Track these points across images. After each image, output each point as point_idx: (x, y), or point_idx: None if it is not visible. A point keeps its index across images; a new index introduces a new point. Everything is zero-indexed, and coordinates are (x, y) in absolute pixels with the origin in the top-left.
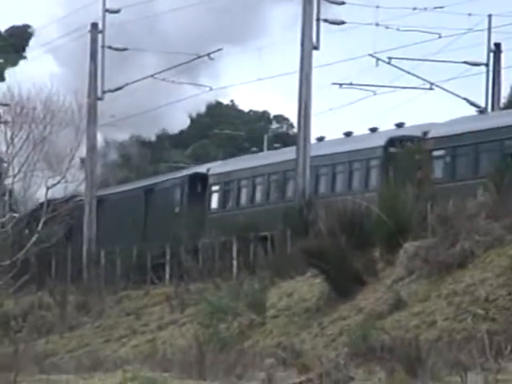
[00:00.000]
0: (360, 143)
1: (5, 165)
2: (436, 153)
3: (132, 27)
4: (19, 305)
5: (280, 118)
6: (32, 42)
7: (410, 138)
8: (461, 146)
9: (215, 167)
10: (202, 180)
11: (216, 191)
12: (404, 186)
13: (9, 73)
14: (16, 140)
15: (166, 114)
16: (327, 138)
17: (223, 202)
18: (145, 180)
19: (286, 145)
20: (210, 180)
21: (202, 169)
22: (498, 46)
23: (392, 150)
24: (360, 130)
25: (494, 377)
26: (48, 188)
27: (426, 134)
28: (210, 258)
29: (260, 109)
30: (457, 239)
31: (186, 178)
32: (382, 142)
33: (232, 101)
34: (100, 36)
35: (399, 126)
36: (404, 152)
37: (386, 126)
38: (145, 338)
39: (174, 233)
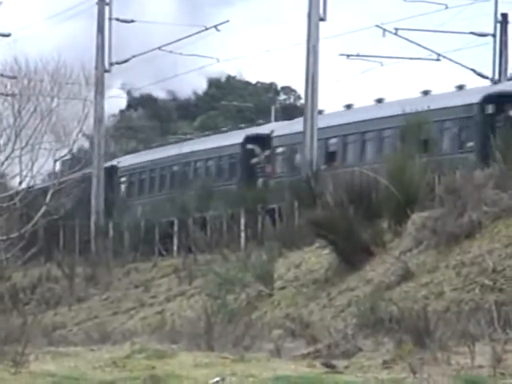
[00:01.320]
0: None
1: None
2: None
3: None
4: (27, 277)
5: (287, 90)
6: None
7: None
8: None
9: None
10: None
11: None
12: (412, 156)
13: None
14: (23, 112)
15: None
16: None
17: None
18: None
19: (292, 116)
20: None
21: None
22: (504, 16)
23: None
24: (366, 101)
25: (502, 347)
26: (55, 160)
27: None
28: (217, 229)
29: (267, 80)
30: (464, 210)
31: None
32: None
33: (239, 72)
34: (107, 8)
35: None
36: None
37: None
38: (153, 310)
39: (181, 205)
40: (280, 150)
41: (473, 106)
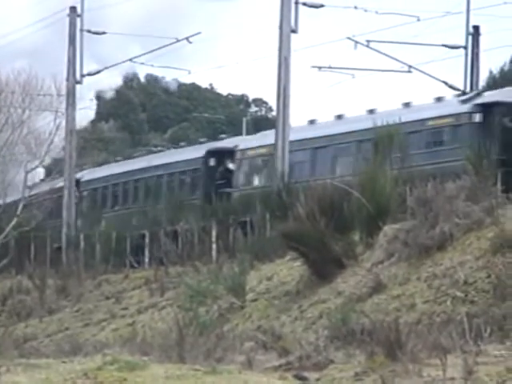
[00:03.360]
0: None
1: None
2: None
3: (110, 11)
4: None
5: (259, 102)
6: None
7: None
8: None
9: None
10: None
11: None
12: (383, 168)
13: None
14: None
15: None
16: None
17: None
18: None
19: (263, 129)
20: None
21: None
22: (476, 28)
23: None
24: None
25: (474, 359)
26: (27, 172)
27: None
28: (189, 241)
29: (239, 92)
30: (436, 222)
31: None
32: None
33: (211, 84)
34: (78, 20)
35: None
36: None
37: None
38: (124, 322)
39: (153, 217)
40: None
41: (198, 160)
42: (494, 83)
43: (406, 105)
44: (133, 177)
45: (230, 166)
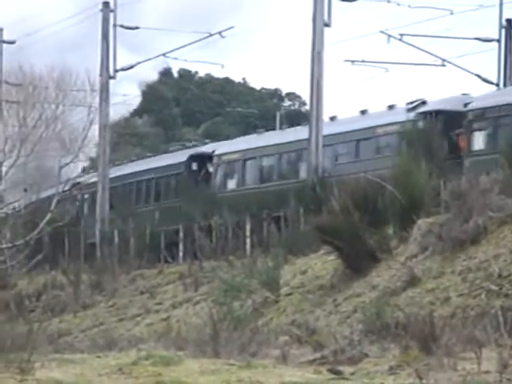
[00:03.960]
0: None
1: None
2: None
3: (144, 6)
4: (33, 284)
5: (292, 96)
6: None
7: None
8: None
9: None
10: None
11: None
12: (418, 162)
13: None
14: (28, 120)
15: None
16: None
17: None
18: None
19: (298, 123)
20: None
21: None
22: (509, 21)
23: None
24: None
25: (509, 352)
26: (61, 167)
27: None
28: (223, 236)
29: (272, 86)
30: (470, 215)
31: None
32: None
33: (244, 78)
34: (112, 15)
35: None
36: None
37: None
38: (159, 317)
39: (187, 211)
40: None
41: (181, 164)
42: None
43: (363, 112)
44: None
45: (211, 169)
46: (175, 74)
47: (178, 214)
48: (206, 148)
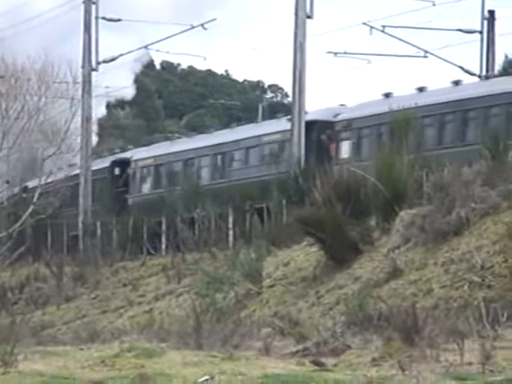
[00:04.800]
0: None
1: None
2: None
3: None
4: (15, 276)
5: (275, 88)
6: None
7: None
8: None
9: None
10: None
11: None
12: (400, 153)
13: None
14: (11, 112)
15: None
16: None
17: None
18: None
19: (279, 114)
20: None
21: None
22: (491, 13)
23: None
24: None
25: (491, 344)
26: (43, 159)
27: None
28: (205, 228)
29: (254, 78)
30: (453, 207)
31: None
32: None
33: (226, 70)
34: (94, 7)
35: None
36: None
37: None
38: (142, 309)
39: (169, 204)
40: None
41: (105, 169)
42: (511, 67)
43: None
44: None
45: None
46: (158, 66)
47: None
48: (128, 154)
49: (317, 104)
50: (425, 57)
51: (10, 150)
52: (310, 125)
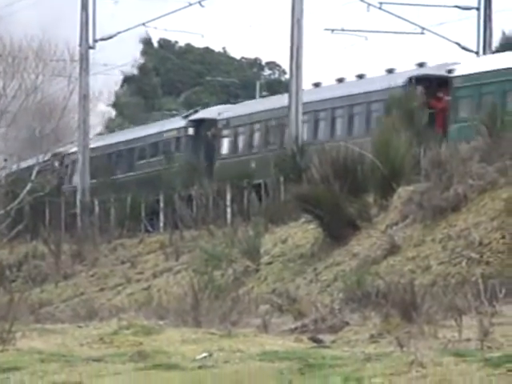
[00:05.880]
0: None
1: None
2: None
3: None
4: (14, 254)
5: (272, 65)
6: None
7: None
8: None
9: None
10: None
11: None
12: (397, 130)
13: None
14: (8, 90)
15: None
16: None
17: None
18: None
19: (277, 92)
20: None
21: None
22: None
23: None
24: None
25: (489, 320)
26: (41, 137)
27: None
28: (203, 205)
29: (252, 56)
30: (450, 183)
31: None
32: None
33: (224, 48)
34: None
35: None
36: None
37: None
38: (140, 286)
39: (167, 181)
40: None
41: None
42: (508, 44)
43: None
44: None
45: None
46: (155, 44)
47: None
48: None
49: (314, 81)
50: (422, 33)
51: (8, 128)
52: (198, 123)
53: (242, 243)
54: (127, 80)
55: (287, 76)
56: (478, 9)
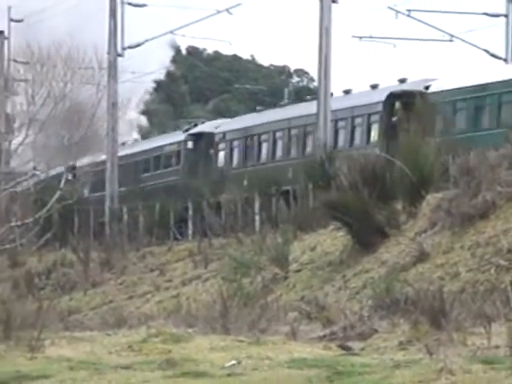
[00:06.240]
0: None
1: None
2: None
3: None
4: (42, 262)
5: (300, 72)
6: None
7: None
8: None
9: None
10: None
11: None
12: (425, 137)
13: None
14: (37, 98)
15: None
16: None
17: None
18: None
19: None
20: None
21: None
22: None
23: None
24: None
25: None
26: (69, 145)
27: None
28: (232, 213)
29: (280, 63)
30: (479, 190)
31: None
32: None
33: (252, 55)
34: None
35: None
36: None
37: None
38: (168, 294)
39: (196, 188)
40: None
41: None
42: None
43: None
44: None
45: None
46: (183, 51)
47: None
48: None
49: (342, 88)
50: (450, 41)
51: (37, 136)
52: (198, 136)
53: (270, 250)
54: (155, 87)
55: (315, 83)
56: (506, 16)
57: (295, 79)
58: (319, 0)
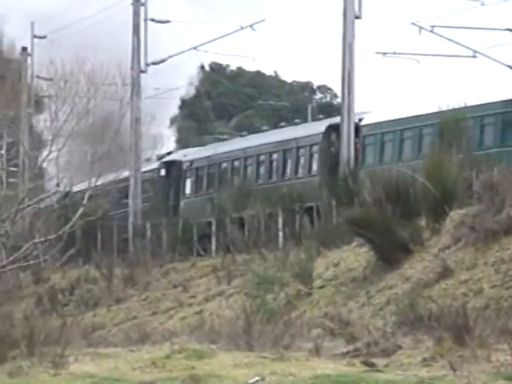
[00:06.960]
0: None
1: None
2: None
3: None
4: (66, 278)
5: (324, 88)
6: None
7: None
8: None
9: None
10: None
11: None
12: (449, 153)
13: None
14: (60, 114)
15: None
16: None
17: None
18: None
19: (329, 115)
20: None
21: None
22: None
23: None
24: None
25: None
26: (93, 162)
27: None
28: (255, 228)
29: (303, 79)
30: (502, 206)
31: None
32: None
33: (275, 71)
34: (142, 8)
35: None
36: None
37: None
38: (192, 310)
39: (219, 204)
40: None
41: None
42: None
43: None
44: None
45: None
46: (207, 68)
47: None
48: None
49: (365, 105)
50: (474, 57)
51: (60, 152)
52: (170, 164)
53: (294, 267)
54: (181, 104)
55: (339, 99)
56: None
57: (318, 95)
58: (342, 16)
